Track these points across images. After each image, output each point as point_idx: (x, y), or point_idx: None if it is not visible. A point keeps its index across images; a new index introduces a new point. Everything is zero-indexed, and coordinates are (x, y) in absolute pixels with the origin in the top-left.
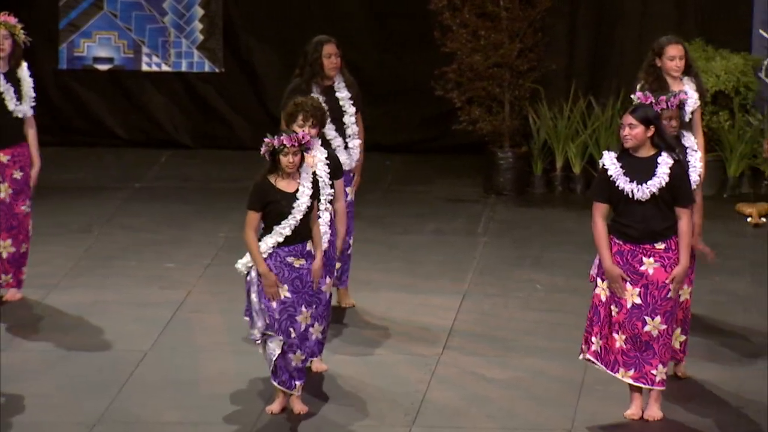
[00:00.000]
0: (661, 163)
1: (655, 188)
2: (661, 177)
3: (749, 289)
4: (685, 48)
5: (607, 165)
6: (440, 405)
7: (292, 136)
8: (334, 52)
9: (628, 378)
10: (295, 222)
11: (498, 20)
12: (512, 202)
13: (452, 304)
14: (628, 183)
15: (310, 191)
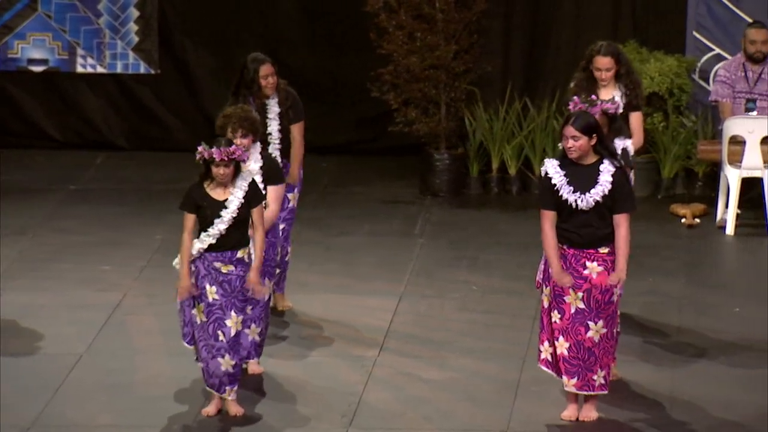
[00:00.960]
0: (603, 171)
1: (599, 197)
2: (604, 185)
3: (683, 290)
4: (616, 58)
5: (551, 174)
6: (377, 406)
7: (223, 150)
8: (271, 72)
9: (571, 387)
10: (219, 231)
11: (434, 22)
12: (448, 204)
13: (389, 306)
14: (572, 193)
15: (240, 201)
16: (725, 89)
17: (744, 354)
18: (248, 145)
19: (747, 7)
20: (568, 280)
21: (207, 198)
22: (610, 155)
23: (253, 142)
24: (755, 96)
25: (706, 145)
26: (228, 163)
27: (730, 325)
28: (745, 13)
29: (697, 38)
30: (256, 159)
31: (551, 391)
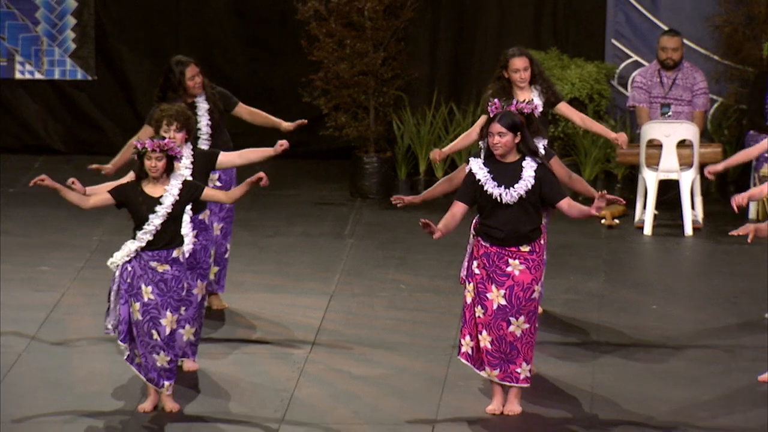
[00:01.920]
0: (526, 167)
1: (523, 191)
2: (527, 180)
3: (603, 288)
4: (530, 59)
5: (475, 170)
6: (309, 401)
7: (156, 141)
8: (196, 73)
9: (494, 377)
10: (155, 226)
11: (363, 30)
12: (377, 206)
13: (320, 304)
14: (496, 187)
15: (175, 198)
16: (642, 95)
17: (661, 350)
18: (182, 140)
19: (664, 15)
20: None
21: (142, 194)
22: (531, 153)
23: (186, 140)
24: (670, 101)
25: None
26: (160, 156)
27: (648, 321)
28: (661, 22)
29: (616, 46)
30: (188, 156)
31: (477, 385)
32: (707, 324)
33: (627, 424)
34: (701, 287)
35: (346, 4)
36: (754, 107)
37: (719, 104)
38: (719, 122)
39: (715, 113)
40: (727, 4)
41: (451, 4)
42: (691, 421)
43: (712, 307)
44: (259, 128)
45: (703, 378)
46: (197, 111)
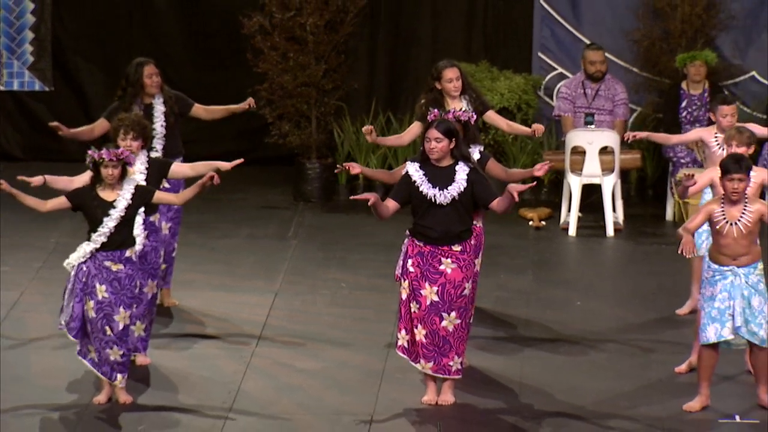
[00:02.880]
0: (459, 171)
1: (456, 192)
2: (460, 183)
3: (531, 286)
4: (460, 70)
5: (411, 172)
6: (255, 393)
7: (111, 151)
8: (155, 72)
9: (428, 369)
10: (109, 229)
11: (305, 44)
12: (319, 209)
13: (266, 302)
14: (431, 188)
15: (128, 201)
16: (567, 105)
17: (585, 343)
18: (137, 147)
19: (586, 30)
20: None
21: (97, 198)
22: (464, 158)
23: (142, 147)
24: (593, 111)
25: (551, 155)
26: (116, 163)
27: (573, 317)
28: (584, 36)
29: (542, 59)
30: (142, 161)
31: (413, 378)
32: (628, 319)
33: (553, 413)
34: (622, 285)
35: (289, 19)
36: (669, 116)
37: (638, 113)
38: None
39: (634, 122)
40: (645, 19)
41: (388, 20)
42: (614, 411)
43: (632, 303)
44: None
45: (624, 370)
46: (153, 112)
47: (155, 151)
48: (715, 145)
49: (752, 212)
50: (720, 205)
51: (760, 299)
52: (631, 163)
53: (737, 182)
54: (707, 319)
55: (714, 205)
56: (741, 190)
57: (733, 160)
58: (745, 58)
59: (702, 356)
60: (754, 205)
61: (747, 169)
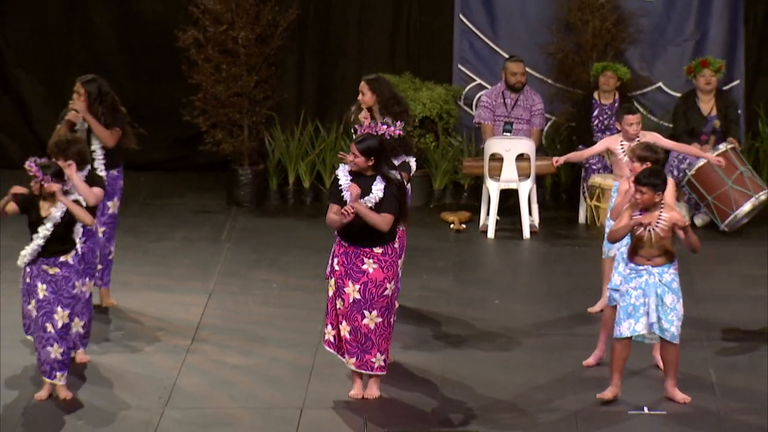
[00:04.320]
0: (376, 183)
1: (371, 203)
2: (376, 194)
3: (452, 286)
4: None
5: (339, 176)
6: (189, 389)
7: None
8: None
9: (351, 365)
10: (41, 242)
11: (237, 56)
12: (251, 213)
13: (200, 302)
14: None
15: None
16: (487, 113)
17: (503, 340)
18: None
19: (503, 43)
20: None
21: (36, 208)
22: (381, 174)
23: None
24: (512, 120)
25: (471, 162)
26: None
27: (492, 315)
28: (501, 49)
29: (462, 70)
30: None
31: (340, 373)
32: (543, 316)
33: (473, 406)
34: (538, 284)
35: (222, 33)
36: (582, 125)
37: (552, 122)
38: (553, 138)
39: (549, 130)
40: (559, 33)
41: (315, 33)
42: (530, 403)
43: (547, 301)
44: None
45: (540, 364)
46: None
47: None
48: (620, 152)
49: (665, 221)
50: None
51: (672, 297)
52: (546, 169)
53: (639, 194)
54: (622, 315)
55: (635, 209)
56: (642, 201)
57: (644, 174)
58: (652, 70)
59: (615, 349)
60: (669, 214)
61: (653, 185)
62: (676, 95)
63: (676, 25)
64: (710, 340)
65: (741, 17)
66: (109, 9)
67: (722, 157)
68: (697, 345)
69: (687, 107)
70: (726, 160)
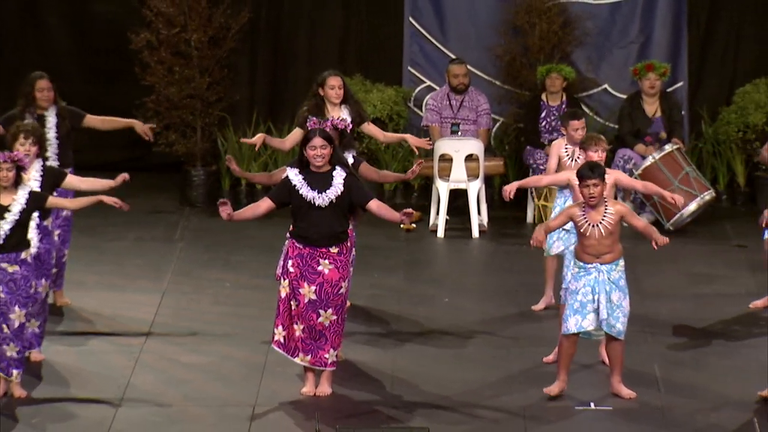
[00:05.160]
0: (336, 176)
1: (334, 196)
2: (338, 186)
3: (402, 284)
4: (343, 79)
5: (291, 177)
6: (143, 387)
7: (6, 154)
8: (47, 87)
9: (306, 362)
10: (4, 232)
11: (190, 58)
12: (204, 213)
13: (154, 301)
14: (311, 191)
15: (22, 206)
16: (434, 116)
17: (453, 337)
18: (35, 153)
19: (452, 46)
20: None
21: None
22: (341, 164)
23: (38, 156)
24: (459, 121)
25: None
26: (11, 166)
27: (441, 313)
28: (450, 52)
29: (411, 72)
30: (37, 169)
31: (292, 371)
32: (492, 314)
33: (423, 403)
34: (486, 282)
35: (174, 35)
36: (529, 126)
37: (501, 123)
38: (501, 139)
39: (497, 131)
40: (506, 36)
41: (267, 36)
42: (479, 399)
43: (496, 299)
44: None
45: (489, 361)
46: (46, 123)
47: (51, 161)
48: (565, 156)
49: (613, 214)
50: (581, 209)
51: (619, 294)
52: (495, 170)
53: (592, 187)
54: (570, 311)
55: (575, 209)
56: (597, 194)
57: (588, 167)
58: (598, 72)
59: (562, 345)
60: (615, 207)
61: (600, 174)
62: (621, 97)
63: (621, 28)
64: (655, 337)
65: (685, 21)
66: (62, 11)
67: (668, 157)
68: (642, 341)
69: (632, 109)
70: (672, 160)
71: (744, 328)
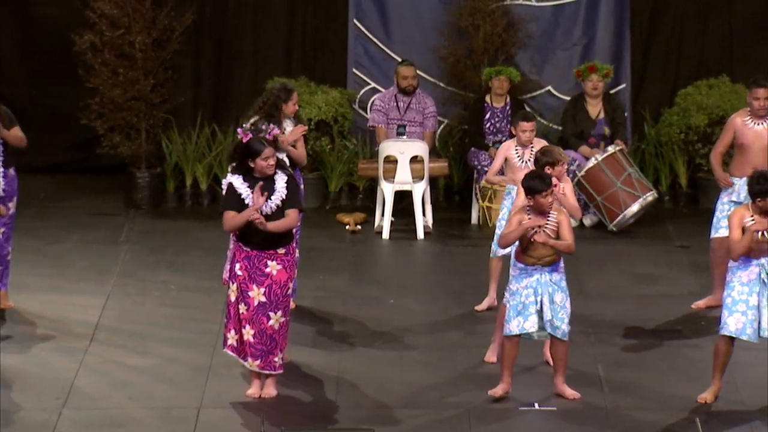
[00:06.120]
0: (278, 180)
1: (279, 201)
2: (281, 191)
3: (347, 285)
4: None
5: (237, 186)
6: (87, 390)
7: None
8: None
9: (255, 367)
10: None
11: (134, 60)
12: (149, 215)
13: (98, 303)
14: None
15: None
16: (380, 117)
17: (398, 339)
18: None
19: (396, 48)
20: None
21: None
22: (282, 168)
23: None
24: (405, 122)
25: (366, 164)
26: None
27: (387, 314)
28: (395, 53)
29: (356, 74)
30: None
31: (238, 373)
32: (437, 315)
33: (368, 404)
34: (431, 283)
35: (118, 37)
36: (474, 128)
37: (445, 125)
38: (446, 141)
39: (442, 133)
40: (451, 38)
41: (212, 38)
42: (424, 400)
43: (440, 300)
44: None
45: (434, 362)
46: None
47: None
48: (515, 157)
49: (556, 221)
50: (527, 213)
51: (562, 295)
52: (440, 171)
53: (550, 196)
54: (512, 313)
55: (522, 214)
56: (550, 204)
57: (540, 179)
58: (541, 74)
59: (505, 347)
60: (559, 216)
61: (551, 183)
62: (565, 98)
63: (564, 30)
64: (599, 338)
65: (627, 23)
66: (5, 13)
67: (611, 159)
68: (586, 342)
69: (575, 110)
70: (614, 161)
71: (686, 328)
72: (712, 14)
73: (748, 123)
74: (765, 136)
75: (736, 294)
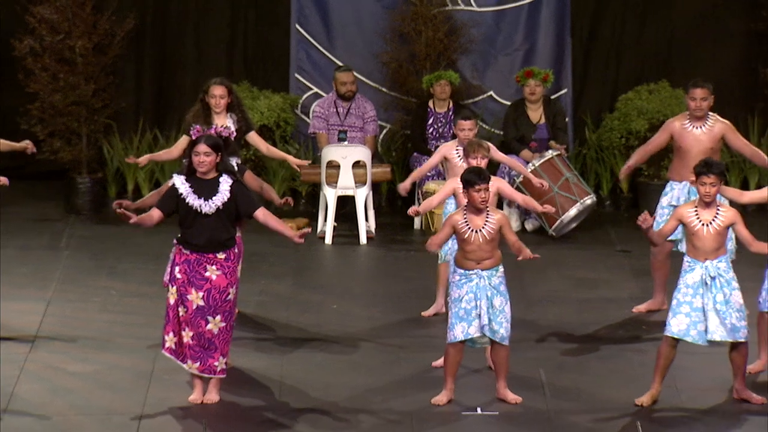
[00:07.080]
0: (222, 183)
1: (220, 203)
2: (224, 193)
3: (290, 290)
4: (229, 89)
5: (178, 185)
6: (28, 396)
7: None
8: None
9: (194, 369)
10: None
11: (75, 65)
12: (90, 221)
13: (39, 309)
14: (197, 199)
15: None
16: (321, 123)
17: (341, 343)
18: None
19: (339, 53)
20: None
21: None
22: (227, 171)
23: None
24: (346, 128)
25: (308, 169)
26: None
27: (329, 319)
28: (337, 59)
29: (299, 79)
30: None
31: (180, 378)
32: (380, 320)
33: (310, 409)
34: (374, 288)
35: (59, 42)
36: (416, 132)
37: (388, 130)
38: (388, 146)
39: (384, 138)
40: (393, 43)
41: (153, 43)
42: (367, 405)
43: (383, 305)
44: None
45: (377, 367)
46: None
47: None
48: (456, 157)
49: (494, 222)
50: (463, 216)
51: (501, 300)
52: (382, 176)
53: (484, 192)
54: (455, 319)
55: (457, 216)
56: (487, 198)
57: (476, 173)
58: (483, 80)
59: (449, 353)
60: (496, 215)
61: (487, 179)
62: (506, 103)
63: (505, 35)
64: (541, 342)
65: (568, 29)
66: None
67: (548, 164)
68: (527, 346)
69: (517, 115)
70: (551, 167)
71: (627, 332)
72: (651, 20)
73: (687, 127)
74: (704, 140)
75: (681, 296)
